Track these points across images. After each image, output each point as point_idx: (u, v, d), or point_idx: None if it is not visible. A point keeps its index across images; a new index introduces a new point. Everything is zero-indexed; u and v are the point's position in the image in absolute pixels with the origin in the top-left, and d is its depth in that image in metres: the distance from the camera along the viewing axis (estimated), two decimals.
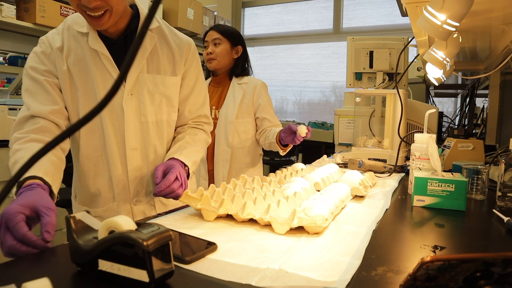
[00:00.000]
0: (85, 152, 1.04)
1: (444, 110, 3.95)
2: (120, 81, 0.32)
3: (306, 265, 0.58)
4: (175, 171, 0.97)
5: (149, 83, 1.05)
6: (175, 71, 1.10)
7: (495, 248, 0.73)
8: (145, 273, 0.48)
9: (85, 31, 1.00)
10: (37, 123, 0.94)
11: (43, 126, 0.94)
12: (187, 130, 1.17)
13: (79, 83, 1.00)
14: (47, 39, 1.01)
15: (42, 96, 0.97)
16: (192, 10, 3.56)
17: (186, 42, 1.13)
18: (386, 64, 1.71)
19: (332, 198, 0.84)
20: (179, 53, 1.10)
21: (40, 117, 0.95)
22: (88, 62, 1.00)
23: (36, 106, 0.95)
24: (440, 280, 0.41)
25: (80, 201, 1.09)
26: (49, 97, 0.98)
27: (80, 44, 1.00)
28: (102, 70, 1.00)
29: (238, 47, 1.73)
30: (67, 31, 1.02)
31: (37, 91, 0.97)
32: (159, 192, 0.93)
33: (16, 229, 0.62)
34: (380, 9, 4.26)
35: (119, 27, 1.01)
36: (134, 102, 1.04)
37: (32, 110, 0.95)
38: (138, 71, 1.03)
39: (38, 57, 1.00)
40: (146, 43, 1.04)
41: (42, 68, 0.99)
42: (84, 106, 1.01)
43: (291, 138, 1.51)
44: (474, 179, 1.07)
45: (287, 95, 4.90)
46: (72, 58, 1.00)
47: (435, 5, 0.84)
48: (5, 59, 2.55)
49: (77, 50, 1.00)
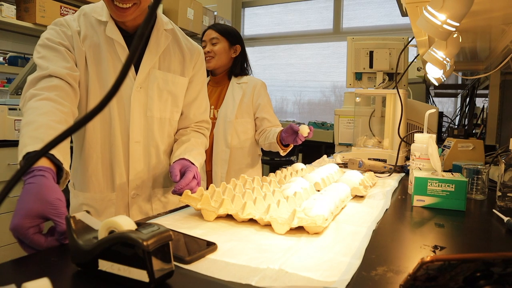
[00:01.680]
0: (90, 139, 1.04)
1: (444, 110, 3.95)
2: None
3: (306, 265, 0.58)
4: (192, 170, 1.00)
5: (159, 80, 1.08)
6: (184, 73, 1.14)
7: (495, 248, 0.73)
8: (145, 273, 0.48)
9: (104, 19, 1.01)
10: (51, 81, 0.92)
11: (57, 85, 0.92)
12: (191, 133, 1.19)
13: (91, 69, 1.01)
14: (66, 21, 1.01)
15: (59, 60, 0.96)
16: (192, 10, 3.56)
17: (197, 48, 1.19)
18: (386, 64, 1.71)
19: (332, 198, 0.84)
20: (189, 56, 1.15)
21: (57, 77, 0.93)
22: (102, 50, 1.01)
23: (55, 67, 0.94)
24: (440, 280, 0.41)
25: (79, 188, 1.09)
26: (68, 64, 0.96)
27: (96, 32, 1.01)
28: (115, 59, 1.02)
29: (236, 46, 1.72)
30: (83, 18, 1.02)
31: (53, 57, 0.96)
32: (179, 190, 0.93)
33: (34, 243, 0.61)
34: (380, 9, 4.26)
35: (137, 22, 1.03)
36: (142, 96, 1.06)
37: (51, 69, 0.92)
38: (150, 66, 1.06)
39: (57, 32, 0.99)
40: (160, 41, 1.07)
41: (59, 40, 0.98)
42: (94, 91, 1.02)
43: (293, 138, 1.51)
44: (474, 179, 1.07)
45: (287, 95, 4.89)
46: (87, 44, 1.01)
47: (435, 5, 0.84)
48: (5, 59, 2.55)
49: (93, 38, 1.01)
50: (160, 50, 1.07)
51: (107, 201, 1.06)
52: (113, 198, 1.06)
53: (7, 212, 2.19)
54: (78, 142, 1.07)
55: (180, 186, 0.93)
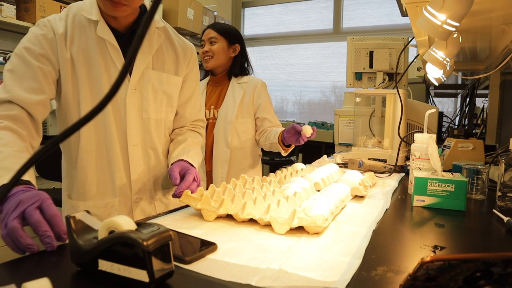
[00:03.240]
0: (85, 146, 1.00)
1: (444, 110, 3.95)
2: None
3: (306, 265, 0.58)
4: (192, 172, 0.98)
5: (154, 80, 1.05)
6: (178, 72, 1.12)
7: (495, 248, 0.73)
8: (145, 273, 0.48)
9: (94, 18, 0.97)
10: (12, 109, 0.87)
11: (17, 115, 0.87)
12: (187, 132, 1.18)
13: (81, 73, 0.96)
14: (50, 23, 0.95)
15: (28, 82, 0.90)
16: (192, 10, 3.56)
17: (190, 46, 1.16)
18: (386, 64, 1.71)
19: (332, 198, 0.84)
20: (183, 54, 1.13)
21: (19, 105, 0.88)
22: (92, 51, 0.97)
23: (19, 92, 0.88)
24: (440, 280, 0.41)
25: (77, 197, 1.04)
26: (37, 85, 0.91)
27: (85, 31, 0.97)
28: (107, 60, 0.98)
29: (235, 46, 1.71)
30: (71, 17, 0.98)
31: (24, 75, 0.90)
32: (179, 193, 0.91)
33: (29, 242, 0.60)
34: (380, 9, 4.26)
35: (128, 20, 1.01)
36: (137, 98, 1.03)
37: (13, 95, 0.87)
38: (144, 66, 1.03)
39: (37, 39, 0.93)
40: (153, 40, 1.04)
41: (38, 52, 0.92)
42: (86, 97, 0.97)
43: (295, 138, 1.50)
44: (474, 179, 1.07)
45: (287, 95, 4.90)
46: (75, 46, 0.96)
47: (435, 5, 0.84)
48: (5, 59, 2.55)
49: (81, 39, 0.97)
50: (153, 50, 1.04)
51: (110, 207, 1.03)
52: (115, 204, 1.04)
53: None
54: (72, 151, 1.02)
55: (181, 189, 0.92)
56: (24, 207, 0.62)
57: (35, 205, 0.63)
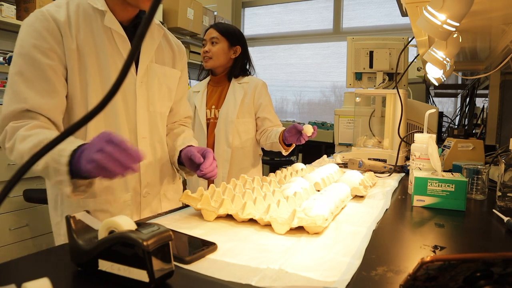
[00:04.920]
0: None
1: (444, 110, 3.95)
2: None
3: (306, 265, 0.58)
4: (211, 152, 1.02)
5: (159, 74, 1.08)
6: (175, 66, 1.15)
7: (495, 248, 0.73)
8: (145, 273, 0.48)
9: (100, 8, 0.94)
10: (35, 118, 0.85)
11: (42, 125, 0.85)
12: (180, 127, 1.21)
13: (89, 63, 0.93)
14: (49, 12, 0.89)
15: (41, 84, 0.86)
16: (192, 10, 3.56)
17: (182, 45, 1.20)
18: (386, 64, 1.71)
19: (332, 198, 0.84)
20: (178, 52, 1.16)
21: (39, 113, 0.86)
22: (98, 41, 0.94)
23: (34, 98, 0.85)
24: (440, 280, 0.41)
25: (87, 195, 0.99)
26: (49, 86, 0.87)
27: (91, 21, 0.94)
28: (115, 50, 0.97)
29: (236, 47, 1.70)
30: (75, 6, 0.93)
31: (35, 78, 0.86)
32: (205, 170, 0.96)
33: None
34: (380, 9, 4.27)
35: (133, 13, 1.01)
36: (144, 91, 1.04)
37: (29, 103, 0.84)
38: (149, 60, 1.04)
39: (40, 33, 0.87)
40: (154, 35, 1.06)
41: (45, 47, 0.87)
42: (94, 88, 0.94)
43: (296, 137, 1.50)
44: (474, 179, 1.07)
45: (287, 95, 4.90)
46: (81, 36, 0.92)
47: (435, 5, 0.84)
48: (5, 59, 2.55)
49: (86, 28, 0.93)
50: (155, 44, 1.06)
51: (122, 202, 1.01)
52: (128, 199, 1.02)
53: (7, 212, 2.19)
54: None
55: (205, 166, 0.96)
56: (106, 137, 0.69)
57: None
